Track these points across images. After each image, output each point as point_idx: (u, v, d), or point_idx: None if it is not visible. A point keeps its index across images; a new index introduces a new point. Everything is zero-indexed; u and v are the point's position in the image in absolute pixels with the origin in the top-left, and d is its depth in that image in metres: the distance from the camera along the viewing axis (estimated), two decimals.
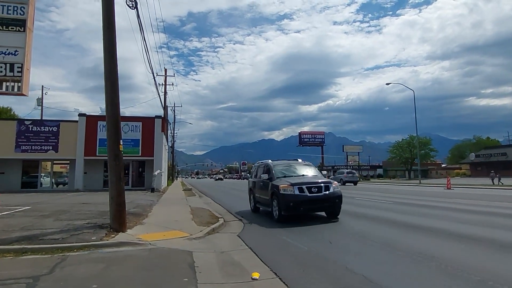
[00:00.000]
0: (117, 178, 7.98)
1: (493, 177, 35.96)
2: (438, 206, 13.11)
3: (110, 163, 8.05)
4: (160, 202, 15.89)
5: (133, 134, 26.95)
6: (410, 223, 8.90)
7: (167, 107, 41.25)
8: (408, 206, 13.48)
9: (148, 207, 13.21)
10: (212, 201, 18.24)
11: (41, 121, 26.92)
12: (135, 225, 8.77)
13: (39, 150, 25.82)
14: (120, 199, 7.95)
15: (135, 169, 29.20)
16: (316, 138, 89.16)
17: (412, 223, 8.88)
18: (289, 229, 8.34)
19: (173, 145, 58.18)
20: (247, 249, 6.63)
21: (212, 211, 12.40)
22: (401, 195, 19.99)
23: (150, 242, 6.94)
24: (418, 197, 18.19)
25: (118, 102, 8.26)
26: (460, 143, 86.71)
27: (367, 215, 10.87)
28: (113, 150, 8.08)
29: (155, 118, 27.62)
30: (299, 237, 7.42)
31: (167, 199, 18.24)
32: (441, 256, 5.43)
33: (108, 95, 8.15)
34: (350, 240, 7.14)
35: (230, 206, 15.23)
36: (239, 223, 10.03)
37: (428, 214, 10.72)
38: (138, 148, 26.98)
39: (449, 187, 26.00)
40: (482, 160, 59.58)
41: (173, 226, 8.83)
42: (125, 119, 27.32)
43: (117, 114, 8.21)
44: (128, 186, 27.93)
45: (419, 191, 23.63)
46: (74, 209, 11.37)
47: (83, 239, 6.63)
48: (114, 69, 8.20)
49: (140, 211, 11.47)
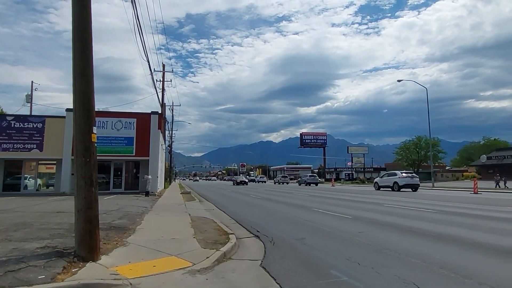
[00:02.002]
0: (87, 182, 5.49)
1: (498, 180, 34.18)
2: (494, 217, 10.71)
3: (78, 160, 5.56)
4: (154, 209, 13.38)
5: (126, 131, 24.45)
6: (493, 244, 6.45)
7: (165, 104, 38.83)
8: (459, 216, 11.04)
9: (138, 217, 10.70)
10: (215, 207, 15.77)
11: (24, 117, 24.36)
12: (114, 248, 6.27)
13: (21, 149, 23.29)
14: (90, 213, 5.46)
15: (129, 170, 26.64)
16: (318, 139, 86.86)
17: (498, 244, 6.43)
18: (327, 252, 5.89)
19: (171, 146, 55.55)
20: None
21: (218, 223, 9.91)
22: (432, 201, 17.54)
23: (131, 281, 4.47)
24: (454, 203, 15.77)
25: (91, 73, 5.76)
26: (468, 145, 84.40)
27: (432, 232, 8.38)
28: (82, 141, 5.58)
29: (151, 114, 25.11)
30: (358, 273, 4.96)
31: (162, 205, 15.71)
32: None
33: (76, 62, 5.66)
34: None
35: (236, 213, 12.77)
36: (256, 241, 7.54)
37: (495, 229, 8.28)
38: (132, 147, 24.48)
39: (476, 191, 23.58)
40: (494, 162, 57.16)
41: (168, 248, 6.34)
42: (118, 115, 24.85)
43: (89, 90, 5.70)
44: (121, 189, 25.41)
45: (446, 196, 21.20)
46: (40, 221, 8.84)
47: (22, 280, 4.14)
48: (86, 23, 5.71)
49: (127, 224, 8.95)
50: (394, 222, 9.53)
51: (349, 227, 8.98)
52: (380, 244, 6.68)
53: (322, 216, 11.38)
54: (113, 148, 24.12)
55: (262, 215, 12.16)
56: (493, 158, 58.52)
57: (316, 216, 11.38)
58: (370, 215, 11.25)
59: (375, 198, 19.46)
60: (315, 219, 10.71)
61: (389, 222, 9.66)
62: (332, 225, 9.34)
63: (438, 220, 9.90)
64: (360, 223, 9.70)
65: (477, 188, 24.12)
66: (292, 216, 11.67)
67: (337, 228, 8.74)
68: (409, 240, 7.21)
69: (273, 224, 9.97)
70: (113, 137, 24.12)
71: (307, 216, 11.53)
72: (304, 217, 11.13)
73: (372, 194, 24.32)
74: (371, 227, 8.88)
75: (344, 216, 11.20)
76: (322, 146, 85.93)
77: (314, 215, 11.69)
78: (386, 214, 11.65)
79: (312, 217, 11.23)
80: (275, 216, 11.81)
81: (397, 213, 11.77)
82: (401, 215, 11.20)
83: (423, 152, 62.01)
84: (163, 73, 37.62)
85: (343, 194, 24.93)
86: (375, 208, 13.78)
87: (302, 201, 18.54)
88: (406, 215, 11.18)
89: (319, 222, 10.01)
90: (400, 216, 11.06)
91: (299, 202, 17.43)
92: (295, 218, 11.11)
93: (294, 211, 13.32)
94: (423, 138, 61.49)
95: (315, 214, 12.00)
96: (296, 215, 11.81)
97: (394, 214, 11.47)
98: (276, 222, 10.41)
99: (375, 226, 8.95)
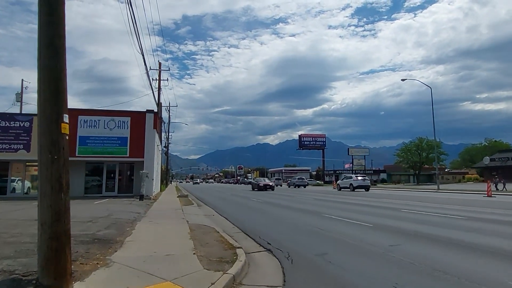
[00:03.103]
0: (55, 186, 4.16)
1: (497, 182, 33.82)
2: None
3: (42, 157, 4.24)
4: (148, 215, 12.02)
5: (120, 131, 23.01)
6: None
7: (161, 104, 37.48)
8: (495, 224, 9.80)
9: (129, 225, 9.35)
10: (215, 213, 14.44)
11: (10, 115, 22.86)
12: (94, 269, 4.93)
13: (7, 149, 21.78)
14: (58, 227, 4.13)
15: (123, 172, 25.19)
16: (317, 141, 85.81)
17: None
18: (362, 275, 4.59)
19: (167, 147, 54.08)
20: None
21: (220, 232, 8.59)
22: (452, 205, 16.30)
23: None
24: (477, 208, 14.57)
25: (63, 44, 4.42)
26: (469, 147, 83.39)
27: (482, 246, 7.10)
28: (47, 133, 4.26)
29: (146, 112, 23.67)
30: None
31: (158, 210, 14.35)
32: None
33: (42, 30, 4.34)
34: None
35: (240, 220, 11.44)
36: (269, 258, 6.23)
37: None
38: (125, 148, 23.03)
39: (490, 194, 22.38)
40: (498, 164, 56.09)
41: (162, 269, 5.01)
42: (111, 114, 23.42)
43: (59, 66, 4.36)
44: (114, 192, 23.95)
45: (459, 200, 19.99)
46: (11, 232, 7.48)
47: None
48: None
49: (114, 235, 7.60)
50: (427, 232, 8.22)
51: (375, 238, 7.68)
52: (425, 263, 5.38)
53: (337, 224, 10.08)
54: (105, 148, 22.70)
55: (269, 223, 10.85)
56: (497, 159, 57.46)
57: (330, 224, 10.07)
58: (394, 223, 9.95)
59: (386, 202, 18.19)
60: (330, 227, 9.41)
61: (421, 232, 8.36)
62: (354, 235, 8.04)
63: (478, 229, 8.61)
64: (385, 233, 8.41)
65: (490, 191, 22.93)
66: (303, 223, 10.37)
67: (361, 240, 7.44)
68: (460, 257, 5.91)
69: (284, 233, 8.66)
70: (105, 137, 22.70)
71: (319, 223, 10.23)
72: (317, 225, 9.83)
73: (381, 197, 23.04)
74: (402, 238, 7.58)
75: (362, 224, 9.89)
76: (321, 148, 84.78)
77: (327, 222, 10.39)
78: (410, 221, 10.35)
79: (325, 224, 9.92)
80: (284, 224, 10.51)
81: (422, 221, 10.47)
82: (430, 223, 9.89)
83: (424, 153, 60.90)
84: (159, 72, 36.35)
85: (348, 197, 23.65)
86: (394, 214, 12.49)
87: (307, 205, 17.25)
88: (435, 223, 9.88)
89: (336, 231, 8.71)
90: (429, 224, 9.75)
91: (305, 207, 16.13)
92: (307, 226, 9.80)
93: (303, 217, 12.01)
94: (424, 139, 60.42)
95: (328, 221, 10.70)
96: (307, 222, 10.51)
97: (420, 222, 10.16)
98: (287, 231, 9.10)
99: (406, 238, 7.65)
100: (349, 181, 35.84)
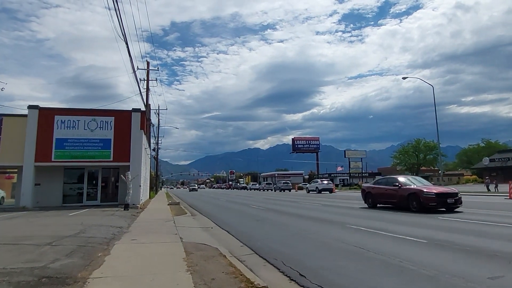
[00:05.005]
0: None
1: (488, 183, 33.55)
2: None
3: None
4: (131, 231, 9.60)
5: (102, 132, 20.51)
6: None
7: (150, 105, 34.98)
8: None
9: (102, 248, 6.93)
10: (214, 224, 12.10)
11: None
12: None
13: None
14: None
15: (107, 178, 22.61)
16: (311, 144, 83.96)
17: None
18: None
19: (157, 151, 51.33)
20: None
21: (228, 257, 6.27)
22: (491, 210, 14.31)
23: None
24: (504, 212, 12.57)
25: None
26: (466, 148, 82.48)
27: None
28: None
29: (132, 111, 21.22)
30: None
31: (144, 222, 11.92)
32: None
33: None
34: None
35: (247, 234, 9.14)
36: None
37: None
38: (109, 151, 20.52)
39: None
40: (498, 164, 54.81)
41: None
42: (92, 113, 20.99)
43: None
44: (96, 201, 21.39)
45: (480, 204, 18.06)
46: None
47: None
48: None
49: (74, 267, 5.19)
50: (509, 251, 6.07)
51: (450, 262, 5.47)
52: None
53: (376, 239, 7.83)
54: (86, 152, 20.14)
55: (287, 239, 8.50)
56: (497, 160, 56.20)
57: (367, 239, 7.82)
58: (449, 237, 7.70)
59: None
60: (369, 244, 7.14)
61: (499, 250, 6.20)
62: (413, 258, 5.78)
63: None
64: (455, 252, 6.19)
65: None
66: (332, 239, 8.09)
67: (432, 267, 5.19)
68: None
69: (317, 256, 6.39)
70: (85, 139, 20.15)
71: (352, 239, 7.95)
72: (350, 241, 7.57)
73: None
74: (490, 262, 5.39)
75: (411, 239, 7.64)
76: (315, 151, 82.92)
77: (361, 237, 8.13)
78: (466, 233, 8.16)
79: (361, 241, 7.64)
80: (308, 240, 8.18)
81: (483, 233, 8.28)
82: (497, 237, 7.74)
83: (422, 155, 59.47)
84: (147, 71, 33.88)
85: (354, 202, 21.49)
86: (435, 223, 10.21)
87: (318, 212, 15.03)
88: (501, 236, 7.75)
89: (382, 251, 6.44)
90: (497, 238, 7.62)
91: (317, 215, 13.91)
92: (340, 243, 7.53)
93: (325, 229, 9.76)
94: (422, 141, 59.02)
95: (360, 235, 8.46)
96: (336, 237, 8.26)
97: (483, 235, 7.94)
98: (319, 251, 6.79)
99: (489, 260, 5.46)
100: (315, 184, 42.92)
